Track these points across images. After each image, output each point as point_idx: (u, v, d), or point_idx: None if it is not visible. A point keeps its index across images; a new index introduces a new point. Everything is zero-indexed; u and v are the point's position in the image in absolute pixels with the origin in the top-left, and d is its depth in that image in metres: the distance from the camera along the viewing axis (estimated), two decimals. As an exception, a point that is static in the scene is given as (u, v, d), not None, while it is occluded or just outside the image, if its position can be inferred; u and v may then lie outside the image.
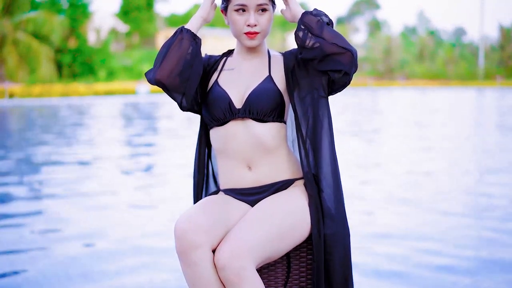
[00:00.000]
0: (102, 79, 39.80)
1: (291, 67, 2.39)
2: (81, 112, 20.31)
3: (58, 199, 6.11)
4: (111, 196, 6.28)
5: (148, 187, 6.71)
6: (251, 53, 2.45)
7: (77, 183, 6.99)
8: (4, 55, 31.45)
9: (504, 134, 12.39)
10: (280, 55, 2.48)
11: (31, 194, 6.50)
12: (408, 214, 5.31)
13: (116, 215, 5.41)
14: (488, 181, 7.04)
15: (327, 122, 2.36)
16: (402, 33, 75.90)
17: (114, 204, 5.82)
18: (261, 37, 2.37)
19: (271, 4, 2.35)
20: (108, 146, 10.71)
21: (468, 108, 22.60)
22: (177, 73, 2.29)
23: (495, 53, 58.77)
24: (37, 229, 4.89)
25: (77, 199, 6.11)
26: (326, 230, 2.30)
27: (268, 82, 2.36)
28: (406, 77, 57.06)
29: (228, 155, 2.38)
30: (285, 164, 2.40)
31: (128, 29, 58.36)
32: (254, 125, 2.34)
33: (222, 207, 2.29)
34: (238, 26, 2.34)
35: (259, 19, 2.33)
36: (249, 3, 2.31)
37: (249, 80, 2.40)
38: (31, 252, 4.25)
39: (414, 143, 10.69)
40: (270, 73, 2.40)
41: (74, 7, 40.44)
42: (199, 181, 2.58)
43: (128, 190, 6.63)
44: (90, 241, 4.52)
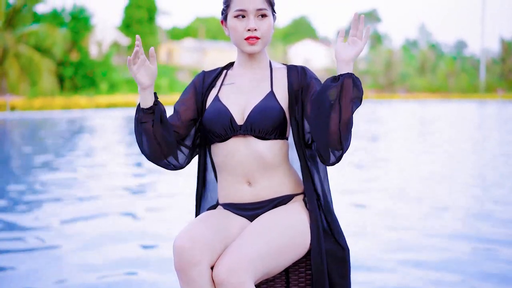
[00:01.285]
0: (104, 92, 39.81)
1: (295, 88, 2.37)
2: (82, 125, 20.32)
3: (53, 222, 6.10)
4: (110, 212, 6.27)
5: (155, 209, 6.66)
6: (252, 64, 2.43)
7: (73, 204, 6.93)
8: (6, 68, 31.52)
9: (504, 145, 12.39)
10: (283, 67, 2.46)
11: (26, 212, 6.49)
12: (403, 234, 5.27)
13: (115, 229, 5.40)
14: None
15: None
16: (403, 46, 76.02)
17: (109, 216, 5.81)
18: (261, 43, 2.35)
19: (271, 10, 2.35)
20: (109, 161, 10.70)
21: (469, 120, 22.58)
22: (159, 151, 2.33)
23: (496, 66, 58.81)
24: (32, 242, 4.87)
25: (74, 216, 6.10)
26: (326, 246, 2.29)
27: (270, 99, 2.34)
28: (407, 90, 57.07)
29: (228, 170, 2.37)
30: (285, 180, 2.39)
31: (130, 42, 58.46)
32: (255, 142, 2.32)
33: (221, 222, 2.28)
34: (238, 32, 2.33)
35: (259, 24, 2.32)
36: (248, 7, 2.30)
37: (250, 95, 2.38)
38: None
39: (417, 167, 10.67)
40: (272, 88, 2.38)
41: (76, 20, 40.50)
42: (198, 194, 2.57)
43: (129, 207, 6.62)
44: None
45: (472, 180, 8.21)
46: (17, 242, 4.94)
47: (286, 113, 2.35)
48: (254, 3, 2.30)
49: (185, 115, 2.43)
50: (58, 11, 40.46)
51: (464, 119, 23.26)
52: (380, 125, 20.02)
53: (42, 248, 4.71)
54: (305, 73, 2.40)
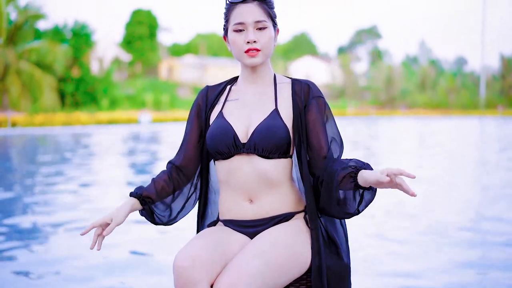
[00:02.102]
0: (105, 108, 39.88)
1: (299, 105, 2.36)
2: (83, 141, 20.32)
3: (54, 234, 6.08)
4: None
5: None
6: (256, 79, 2.42)
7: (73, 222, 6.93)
8: (7, 85, 31.58)
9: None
10: (288, 82, 2.44)
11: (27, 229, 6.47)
12: (401, 253, 5.25)
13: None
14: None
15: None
16: (403, 62, 76.19)
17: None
18: (262, 55, 2.33)
19: (271, 22, 2.34)
20: (109, 178, 10.68)
21: (469, 136, 22.58)
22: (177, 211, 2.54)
23: (496, 83, 58.91)
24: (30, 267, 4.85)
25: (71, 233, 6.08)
26: (327, 262, 2.28)
27: (274, 117, 2.32)
28: (408, 106, 57.16)
29: (231, 187, 2.36)
30: (287, 197, 2.37)
31: (131, 59, 58.64)
32: (259, 160, 2.31)
33: (221, 239, 2.27)
34: (238, 46, 2.33)
35: (259, 36, 2.31)
36: (246, 20, 2.30)
37: (254, 112, 2.37)
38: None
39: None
40: (276, 106, 2.35)
41: (77, 37, 40.67)
42: (200, 210, 2.57)
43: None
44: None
45: (470, 198, 8.20)
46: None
47: (290, 131, 2.33)
48: (253, 15, 2.30)
49: (191, 151, 2.49)
50: (60, 27, 40.67)
51: (464, 135, 23.25)
52: (380, 142, 20.01)
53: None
54: (308, 90, 2.38)
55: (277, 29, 2.42)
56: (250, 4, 2.31)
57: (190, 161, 2.50)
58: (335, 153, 2.33)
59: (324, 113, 2.36)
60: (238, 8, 2.32)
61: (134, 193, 2.42)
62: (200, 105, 2.49)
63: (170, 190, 2.47)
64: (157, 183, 2.46)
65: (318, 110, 2.34)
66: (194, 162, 2.51)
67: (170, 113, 39.66)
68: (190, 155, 2.50)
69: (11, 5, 33.14)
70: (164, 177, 2.48)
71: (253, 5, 2.31)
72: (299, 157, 2.35)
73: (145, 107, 43.92)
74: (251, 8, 2.31)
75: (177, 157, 2.51)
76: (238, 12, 2.32)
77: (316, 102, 2.35)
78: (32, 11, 33.35)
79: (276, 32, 2.41)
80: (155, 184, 2.45)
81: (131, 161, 13.39)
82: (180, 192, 2.51)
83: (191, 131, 2.49)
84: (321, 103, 2.36)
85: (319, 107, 2.35)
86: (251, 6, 2.31)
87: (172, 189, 2.48)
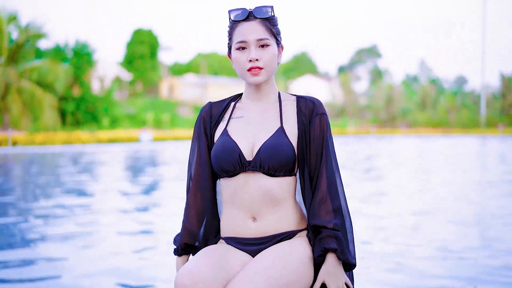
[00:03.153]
0: (106, 127, 39.97)
1: (304, 123, 2.36)
2: (83, 160, 20.30)
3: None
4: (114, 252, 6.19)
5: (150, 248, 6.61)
6: (261, 97, 2.42)
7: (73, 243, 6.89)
8: (9, 103, 31.65)
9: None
10: (293, 100, 2.44)
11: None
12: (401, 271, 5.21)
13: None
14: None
15: (338, 177, 2.37)
16: (403, 81, 76.44)
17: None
18: (265, 73, 2.32)
19: (273, 39, 2.33)
20: (109, 199, 10.64)
21: (470, 154, 22.56)
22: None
23: (496, 102, 59.03)
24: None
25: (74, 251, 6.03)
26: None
27: (280, 135, 2.31)
28: (408, 125, 57.24)
29: (234, 204, 2.35)
30: (290, 216, 2.36)
31: (132, 78, 58.86)
32: (264, 178, 2.30)
33: (222, 257, 2.25)
34: (240, 64, 2.32)
35: (261, 54, 2.30)
36: (248, 38, 2.30)
37: (259, 130, 2.35)
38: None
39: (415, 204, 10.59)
40: (281, 123, 2.35)
41: (78, 56, 40.87)
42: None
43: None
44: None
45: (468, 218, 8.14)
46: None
47: (295, 149, 2.32)
48: (255, 33, 2.29)
49: (206, 168, 2.46)
50: (61, 46, 40.88)
51: (466, 154, 23.23)
52: (381, 160, 19.98)
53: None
54: (313, 107, 2.38)
55: (281, 46, 2.41)
56: (253, 22, 2.31)
57: (209, 181, 2.47)
58: (328, 176, 2.31)
59: (325, 132, 2.35)
60: (240, 26, 2.33)
61: (179, 250, 2.52)
62: (205, 122, 2.47)
63: (202, 219, 2.49)
64: (188, 224, 2.50)
65: (319, 127, 2.34)
66: (213, 180, 2.49)
67: (170, 131, 39.69)
68: (207, 174, 2.46)
69: (12, 24, 33.33)
70: (192, 204, 2.50)
71: (255, 23, 2.31)
72: (302, 175, 2.34)
73: (146, 125, 43.98)
74: (254, 26, 2.31)
75: (195, 180, 2.49)
76: (240, 30, 2.32)
77: (319, 119, 2.35)
78: (33, 30, 33.49)
79: (280, 49, 2.40)
80: (186, 224, 2.50)
81: (132, 181, 13.35)
82: (210, 216, 2.51)
83: (201, 148, 2.47)
84: (324, 120, 2.36)
85: (320, 125, 2.35)
86: (254, 24, 2.31)
87: (204, 220, 2.49)
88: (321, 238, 2.24)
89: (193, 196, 2.46)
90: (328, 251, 2.24)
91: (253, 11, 2.33)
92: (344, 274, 2.26)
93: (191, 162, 2.49)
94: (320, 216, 2.28)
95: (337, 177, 2.34)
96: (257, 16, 2.31)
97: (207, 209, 2.45)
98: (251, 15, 2.32)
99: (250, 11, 2.33)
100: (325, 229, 2.25)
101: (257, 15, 2.31)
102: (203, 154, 2.44)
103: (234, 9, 2.35)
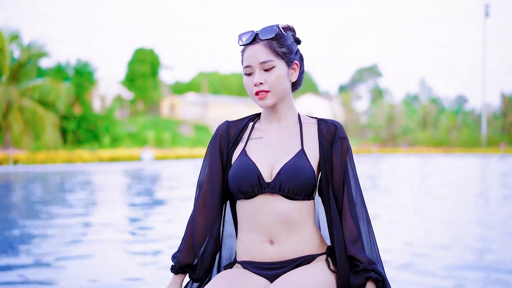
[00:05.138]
0: (107, 145, 39.94)
1: (325, 146, 2.31)
2: (85, 179, 20.24)
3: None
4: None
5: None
6: (279, 118, 2.36)
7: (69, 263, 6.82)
8: (10, 122, 31.65)
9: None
10: (313, 122, 2.38)
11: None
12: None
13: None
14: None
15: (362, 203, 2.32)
16: (404, 100, 76.59)
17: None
18: (272, 96, 2.26)
19: (280, 59, 2.26)
20: (110, 218, 10.57)
21: (472, 174, 22.51)
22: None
23: (497, 121, 59.06)
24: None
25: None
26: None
27: (301, 157, 2.26)
28: (409, 144, 57.23)
29: (251, 227, 2.28)
30: (309, 239, 2.29)
31: (133, 96, 58.97)
32: (282, 201, 2.24)
33: (241, 282, 2.19)
34: (248, 88, 2.29)
35: (266, 77, 2.24)
36: (252, 63, 2.25)
37: (279, 152, 2.30)
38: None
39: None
40: (302, 146, 2.29)
41: (79, 75, 40.95)
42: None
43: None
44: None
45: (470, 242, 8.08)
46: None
47: (315, 172, 2.27)
48: (258, 57, 2.24)
49: (217, 190, 2.39)
50: (62, 65, 40.97)
51: (468, 173, 23.18)
52: (383, 179, 19.93)
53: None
54: (335, 130, 2.34)
55: (295, 63, 2.34)
56: (257, 45, 2.26)
57: (218, 201, 2.40)
58: (350, 201, 2.28)
59: (346, 156, 2.31)
60: (247, 50, 2.29)
61: (176, 268, 2.39)
62: (222, 140, 2.40)
63: (205, 238, 2.40)
64: (186, 241, 2.40)
65: (341, 152, 2.30)
66: (222, 201, 2.42)
67: (171, 150, 39.65)
68: (217, 194, 2.40)
69: (14, 43, 33.40)
70: (196, 230, 2.40)
71: (259, 45, 2.26)
72: (327, 198, 2.29)
73: (147, 144, 43.96)
74: (257, 49, 2.25)
75: (204, 199, 2.41)
76: (246, 54, 2.28)
77: (341, 144, 2.31)
78: (35, 49, 33.57)
79: (293, 67, 2.33)
80: (185, 243, 2.40)
81: (132, 201, 13.28)
82: (212, 238, 2.42)
83: (214, 167, 2.40)
84: (346, 144, 2.32)
85: (342, 149, 2.30)
86: (257, 47, 2.26)
87: (207, 239, 2.40)
88: (365, 269, 2.21)
89: (199, 214, 2.38)
90: (370, 280, 2.20)
91: (259, 32, 2.28)
92: None
93: (201, 179, 2.41)
94: (355, 249, 2.25)
95: (361, 205, 2.31)
96: (261, 38, 2.26)
97: (211, 229, 2.37)
98: (257, 37, 2.27)
99: (257, 33, 2.28)
100: (362, 263, 2.22)
101: (261, 37, 2.26)
102: (215, 174, 2.38)
103: (243, 33, 2.31)
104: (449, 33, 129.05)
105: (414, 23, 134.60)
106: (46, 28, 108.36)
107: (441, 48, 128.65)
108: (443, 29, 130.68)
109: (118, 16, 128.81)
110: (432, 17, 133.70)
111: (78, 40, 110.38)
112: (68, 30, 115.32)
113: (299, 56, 2.38)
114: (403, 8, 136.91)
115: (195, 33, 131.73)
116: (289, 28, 2.36)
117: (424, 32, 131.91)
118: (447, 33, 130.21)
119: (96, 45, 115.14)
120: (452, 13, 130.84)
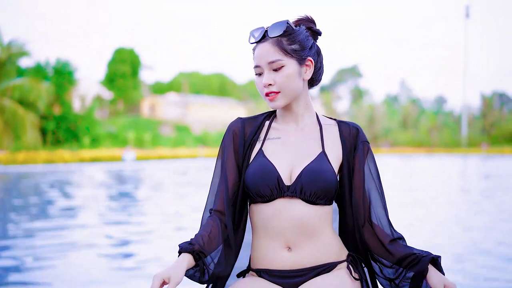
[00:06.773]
0: (87, 146, 39.59)
1: (348, 149, 2.19)
2: (66, 179, 20.00)
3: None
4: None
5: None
6: (296, 118, 2.22)
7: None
8: (-11, 122, 31.26)
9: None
10: (333, 124, 2.25)
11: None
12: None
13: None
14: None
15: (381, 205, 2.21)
16: (384, 101, 76.92)
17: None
18: (282, 96, 2.12)
19: (290, 58, 2.10)
20: (94, 220, 10.41)
21: (454, 174, 22.62)
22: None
23: (477, 121, 59.61)
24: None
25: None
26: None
27: (323, 160, 2.12)
28: (391, 144, 57.52)
29: (268, 233, 2.14)
30: (329, 246, 2.16)
31: (113, 96, 58.56)
32: (302, 205, 2.10)
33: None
34: (259, 89, 2.15)
35: (275, 77, 2.10)
36: (261, 63, 2.11)
37: (299, 154, 2.16)
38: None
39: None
40: (323, 149, 2.16)
41: (59, 75, 40.51)
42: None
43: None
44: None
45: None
46: None
47: (337, 176, 2.15)
48: (266, 56, 2.10)
49: (232, 193, 2.21)
50: (42, 65, 40.50)
51: (449, 173, 23.30)
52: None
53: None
54: (357, 133, 2.22)
55: (309, 59, 2.17)
56: (265, 44, 2.11)
57: (232, 204, 2.22)
58: (377, 205, 2.19)
59: (371, 160, 2.21)
60: (256, 49, 2.15)
61: (186, 247, 2.02)
62: (237, 139, 2.24)
63: (221, 240, 2.13)
64: (204, 234, 2.08)
65: (362, 155, 2.19)
66: (237, 204, 2.23)
67: (153, 151, 39.43)
68: (231, 197, 2.21)
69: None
70: (212, 225, 2.14)
71: (267, 44, 2.11)
72: (349, 203, 2.18)
73: (128, 145, 43.65)
74: (265, 48, 2.11)
75: (218, 201, 2.21)
76: (256, 54, 2.14)
77: (363, 147, 2.20)
78: (15, 49, 33.20)
79: (306, 64, 2.16)
80: (204, 235, 2.08)
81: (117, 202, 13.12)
82: (229, 241, 2.19)
83: (229, 169, 2.22)
84: (367, 147, 2.21)
85: (364, 153, 2.20)
86: (265, 46, 2.11)
87: (222, 238, 2.14)
88: (418, 256, 2.07)
89: (213, 218, 2.15)
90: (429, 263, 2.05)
91: (268, 29, 2.13)
92: None
93: (215, 181, 2.24)
94: (398, 248, 2.13)
95: (384, 205, 2.21)
96: (270, 35, 2.11)
97: (222, 235, 2.13)
98: (267, 34, 2.13)
99: (267, 30, 2.14)
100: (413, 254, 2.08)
101: (269, 34, 2.11)
102: (230, 175, 2.20)
103: (254, 29, 2.16)
104: (430, 34, 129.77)
105: (396, 23, 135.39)
106: (25, 27, 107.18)
107: (422, 49, 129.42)
108: (423, 29, 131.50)
109: (98, 16, 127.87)
110: (413, 18, 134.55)
111: (58, 39, 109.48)
112: (47, 29, 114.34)
113: (315, 50, 2.20)
114: (375, 10, 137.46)
115: (175, 33, 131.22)
116: (306, 19, 2.20)
117: (405, 32, 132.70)
118: (428, 33, 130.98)
119: (76, 45, 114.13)
120: (432, 15, 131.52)
